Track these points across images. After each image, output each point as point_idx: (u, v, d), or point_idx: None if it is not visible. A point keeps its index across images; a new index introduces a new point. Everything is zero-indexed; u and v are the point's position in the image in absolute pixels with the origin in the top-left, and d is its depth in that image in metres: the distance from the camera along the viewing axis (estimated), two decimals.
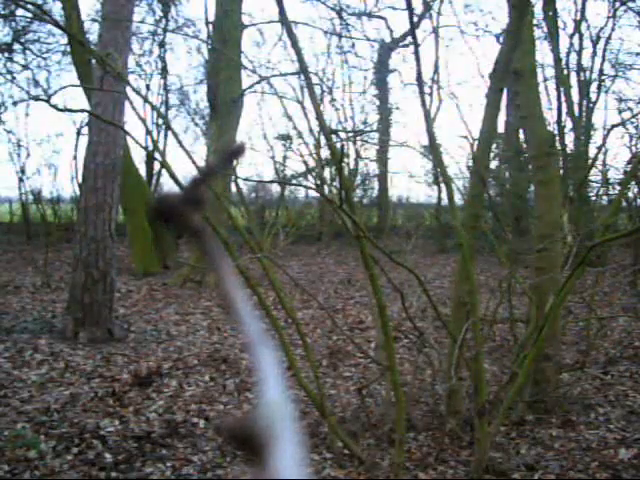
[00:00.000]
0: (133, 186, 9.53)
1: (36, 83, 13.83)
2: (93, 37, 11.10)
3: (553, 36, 10.79)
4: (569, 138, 11.98)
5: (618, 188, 8.61)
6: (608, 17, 12.24)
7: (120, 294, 7.75)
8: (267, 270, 3.07)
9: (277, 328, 3.07)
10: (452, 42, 19.09)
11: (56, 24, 3.88)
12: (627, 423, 3.83)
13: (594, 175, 10.82)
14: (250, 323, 0.26)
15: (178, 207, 0.27)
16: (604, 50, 12.43)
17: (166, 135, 15.81)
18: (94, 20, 11.77)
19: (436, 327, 4.85)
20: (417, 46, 2.91)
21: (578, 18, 12.17)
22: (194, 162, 3.08)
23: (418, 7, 10.29)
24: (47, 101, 3.71)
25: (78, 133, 12.27)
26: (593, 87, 12.58)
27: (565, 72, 11.77)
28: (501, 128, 12.61)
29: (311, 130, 5.22)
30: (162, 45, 15.37)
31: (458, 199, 4.93)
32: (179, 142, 3.15)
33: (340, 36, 14.13)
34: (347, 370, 5.03)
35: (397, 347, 5.17)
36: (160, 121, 14.71)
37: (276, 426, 0.23)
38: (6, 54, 12.59)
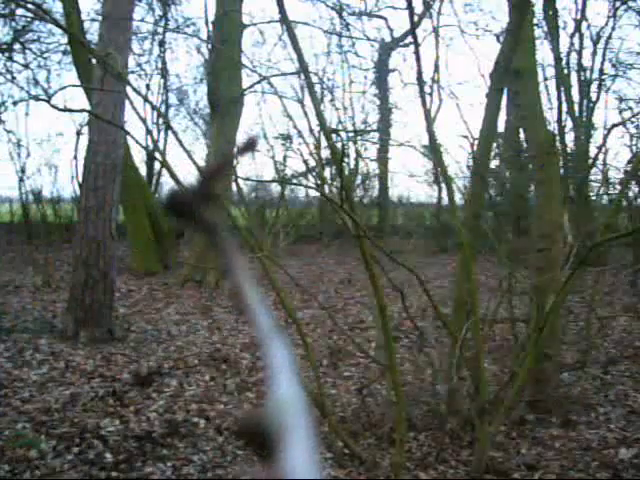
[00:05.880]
0: (133, 186, 9.52)
1: (36, 83, 13.78)
2: (93, 37, 11.09)
3: (553, 36, 10.79)
4: (569, 138, 11.99)
5: (618, 188, 8.61)
6: (608, 16, 12.25)
7: (120, 294, 7.75)
8: (267, 270, 3.07)
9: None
10: (452, 42, 19.02)
11: (56, 23, 3.87)
12: (627, 423, 3.83)
13: (594, 175, 10.82)
14: (263, 319, 0.26)
15: (191, 202, 0.27)
16: (604, 49, 12.44)
17: (166, 135, 15.82)
18: (94, 20, 11.77)
19: (436, 327, 4.85)
20: (417, 46, 2.91)
21: (578, 17, 12.18)
22: (194, 162, 3.08)
23: (418, 7, 10.28)
24: (47, 101, 3.71)
25: (78, 133, 12.24)
26: (593, 87, 12.59)
27: (565, 72, 11.76)
28: (501, 128, 12.60)
29: (311, 130, 5.23)
30: (162, 45, 15.36)
31: (458, 199, 4.94)
32: (179, 142, 3.15)
33: (340, 36, 14.10)
34: (347, 370, 5.03)
35: (397, 347, 5.17)
36: (160, 121, 14.70)
37: (288, 422, 0.23)
38: (6, 54, 12.56)
